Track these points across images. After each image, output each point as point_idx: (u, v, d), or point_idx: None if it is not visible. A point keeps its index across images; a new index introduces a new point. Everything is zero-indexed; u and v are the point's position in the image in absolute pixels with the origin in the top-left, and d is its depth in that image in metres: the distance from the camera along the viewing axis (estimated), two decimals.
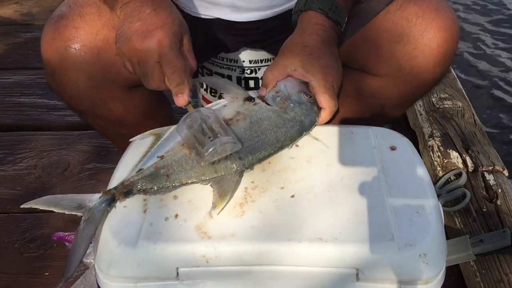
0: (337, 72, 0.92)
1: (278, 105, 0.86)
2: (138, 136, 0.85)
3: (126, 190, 0.76)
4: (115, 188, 0.77)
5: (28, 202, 0.77)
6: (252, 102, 0.87)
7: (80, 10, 0.98)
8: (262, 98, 0.88)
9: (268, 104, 0.87)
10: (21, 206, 0.78)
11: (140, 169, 0.78)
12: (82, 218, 0.75)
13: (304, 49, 0.90)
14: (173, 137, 0.82)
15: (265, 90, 0.89)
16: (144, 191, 0.77)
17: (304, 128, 0.85)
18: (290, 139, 0.84)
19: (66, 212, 0.77)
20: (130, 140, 0.86)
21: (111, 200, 0.76)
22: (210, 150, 0.76)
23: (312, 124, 0.86)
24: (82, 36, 0.97)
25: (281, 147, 0.83)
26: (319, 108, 0.88)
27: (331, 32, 0.95)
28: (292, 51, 0.91)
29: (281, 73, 0.90)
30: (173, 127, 0.84)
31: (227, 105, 0.87)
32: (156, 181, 0.77)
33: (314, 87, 0.88)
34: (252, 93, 0.90)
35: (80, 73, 0.98)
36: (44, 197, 0.79)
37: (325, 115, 0.88)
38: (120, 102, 1.06)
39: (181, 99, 0.83)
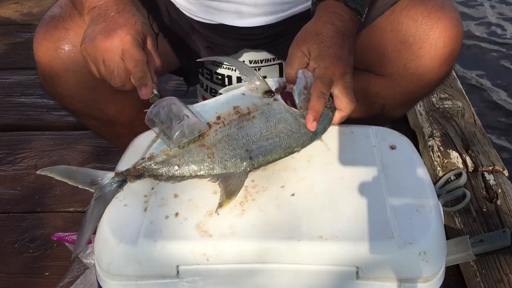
0: (345, 65, 0.86)
1: (300, 102, 0.84)
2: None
3: (138, 174, 0.79)
4: (127, 170, 0.79)
5: (44, 169, 0.80)
6: (272, 97, 0.85)
7: (71, 11, 0.99)
8: (279, 92, 0.86)
9: (287, 103, 0.85)
10: (37, 172, 0.80)
11: (153, 154, 0.80)
12: (94, 195, 0.78)
13: (316, 37, 0.87)
14: None
15: (292, 86, 0.87)
16: (155, 177, 0.79)
17: (316, 136, 0.85)
18: (302, 146, 0.84)
19: (79, 186, 0.79)
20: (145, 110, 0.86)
21: (122, 182, 0.78)
22: (178, 132, 0.78)
23: (325, 130, 0.85)
24: (72, 37, 0.97)
25: (291, 152, 0.83)
26: (334, 112, 0.86)
27: (348, 22, 0.90)
28: (305, 40, 0.88)
29: (301, 65, 0.87)
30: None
31: (245, 94, 0.85)
32: (167, 169, 0.79)
33: (318, 73, 0.84)
34: (272, 82, 0.87)
35: (70, 74, 0.99)
36: (59, 166, 0.82)
37: (340, 117, 0.86)
38: (111, 103, 1.06)
39: (143, 91, 0.85)
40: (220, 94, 0.88)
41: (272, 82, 0.88)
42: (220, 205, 0.75)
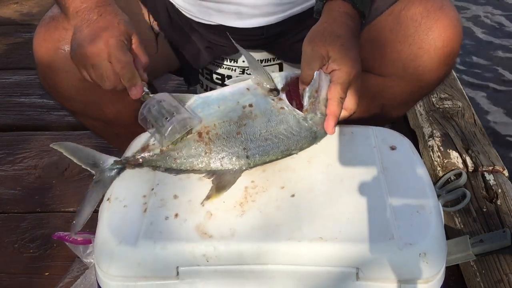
0: (360, 68, 0.86)
1: (307, 105, 0.83)
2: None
3: (136, 164, 0.82)
4: (126, 159, 0.82)
5: (55, 143, 0.83)
6: (277, 96, 0.85)
7: None
8: (285, 91, 0.86)
9: (291, 103, 0.84)
10: (50, 145, 0.83)
11: (154, 145, 0.82)
12: (94, 178, 0.82)
13: (336, 39, 0.86)
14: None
15: (305, 87, 0.86)
16: (153, 167, 0.81)
17: (315, 140, 0.84)
18: (300, 149, 0.84)
19: (82, 166, 0.83)
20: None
21: (121, 169, 0.82)
22: (169, 129, 0.80)
23: (325, 135, 0.84)
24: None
25: (289, 155, 0.83)
26: None
27: (357, 23, 0.91)
28: (325, 41, 0.86)
29: (320, 67, 0.85)
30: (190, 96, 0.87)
31: (250, 90, 0.85)
32: (165, 161, 0.81)
33: (339, 77, 0.83)
34: (279, 78, 0.86)
35: (70, 75, 0.98)
36: (69, 143, 0.84)
37: (343, 117, 0.86)
38: (111, 103, 1.06)
39: (134, 92, 0.87)
40: (227, 85, 0.88)
41: (279, 78, 0.87)
42: (208, 197, 0.76)
